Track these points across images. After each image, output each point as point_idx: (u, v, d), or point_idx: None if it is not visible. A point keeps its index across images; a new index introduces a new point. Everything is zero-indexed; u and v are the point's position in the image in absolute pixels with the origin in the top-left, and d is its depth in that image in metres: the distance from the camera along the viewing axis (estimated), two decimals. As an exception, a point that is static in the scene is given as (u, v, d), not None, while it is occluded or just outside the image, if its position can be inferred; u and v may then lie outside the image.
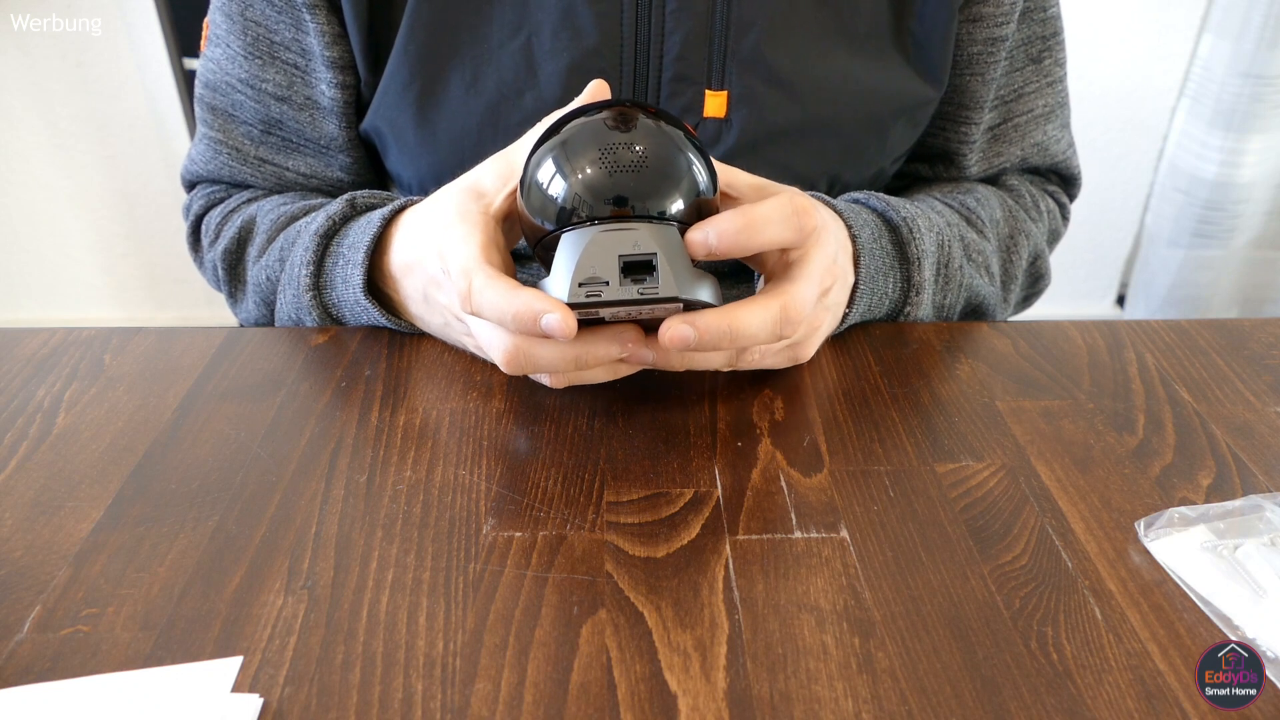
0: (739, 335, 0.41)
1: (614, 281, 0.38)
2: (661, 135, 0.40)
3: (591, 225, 0.39)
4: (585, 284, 0.38)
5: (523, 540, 0.38)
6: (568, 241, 0.39)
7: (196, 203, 0.68)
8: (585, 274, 0.38)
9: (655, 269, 0.38)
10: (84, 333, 0.53)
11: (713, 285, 0.41)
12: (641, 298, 0.38)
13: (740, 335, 0.41)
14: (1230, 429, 0.46)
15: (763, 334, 0.41)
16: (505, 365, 0.42)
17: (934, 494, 0.41)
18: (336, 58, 0.61)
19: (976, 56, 0.63)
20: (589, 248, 0.38)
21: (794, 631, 0.34)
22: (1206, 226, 1.80)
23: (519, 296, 0.39)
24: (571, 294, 0.38)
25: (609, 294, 0.38)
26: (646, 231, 0.39)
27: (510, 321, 0.39)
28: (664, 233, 0.39)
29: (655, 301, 0.39)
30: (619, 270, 0.38)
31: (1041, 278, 0.70)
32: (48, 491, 0.41)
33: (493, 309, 0.40)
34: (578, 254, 0.38)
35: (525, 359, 0.42)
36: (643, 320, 0.43)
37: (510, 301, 0.39)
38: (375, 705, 0.32)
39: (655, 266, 0.38)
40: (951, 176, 0.69)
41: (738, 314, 0.41)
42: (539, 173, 0.41)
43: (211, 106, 0.65)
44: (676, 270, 0.39)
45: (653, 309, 0.40)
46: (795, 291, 0.42)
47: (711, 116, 0.59)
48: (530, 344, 0.41)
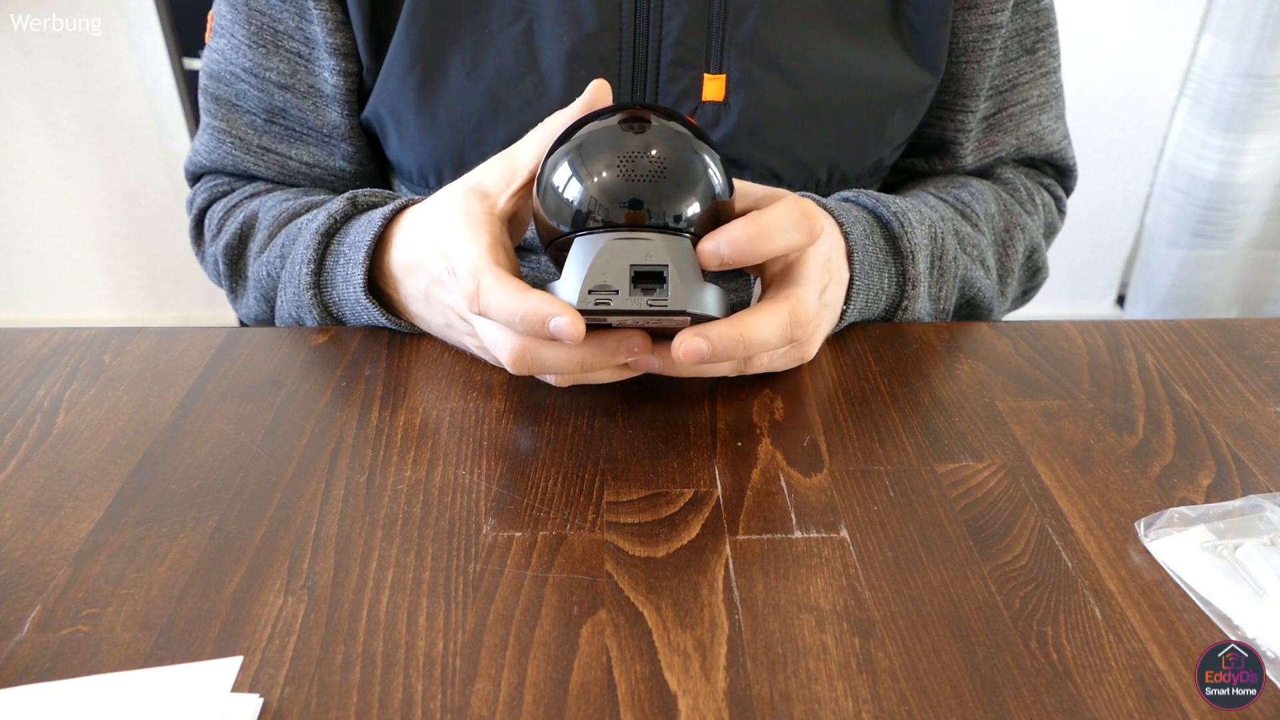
0: (751, 344, 0.41)
1: (624, 290, 0.38)
2: (679, 142, 0.41)
3: (606, 231, 0.39)
4: (595, 291, 0.38)
5: (523, 540, 0.38)
6: (580, 246, 0.39)
7: (200, 196, 0.68)
8: (596, 281, 0.38)
9: (666, 281, 0.38)
10: (84, 333, 0.53)
11: (720, 297, 0.41)
12: (650, 309, 0.38)
13: (752, 343, 0.41)
14: (1230, 429, 0.46)
15: (774, 340, 0.41)
16: (511, 365, 0.42)
17: (934, 494, 0.41)
18: (340, 45, 0.61)
19: (971, 44, 0.63)
20: (601, 254, 0.39)
21: (794, 631, 0.34)
22: (1206, 226, 1.80)
23: (528, 299, 0.39)
24: (581, 300, 0.38)
25: (618, 303, 0.38)
26: (660, 242, 0.39)
27: (519, 323, 0.39)
28: (677, 245, 0.39)
29: (664, 314, 0.39)
30: (630, 280, 0.38)
31: (1039, 271, 0.70)
32: (48, 491, 0.41)
33: (501, 310, 0.40)
34: (590, 260, 0.39)
35: (532, 360, 0.42)
36: (649, 328, 0.43)
37: (520, 303, 0.39)
38: (375, 705, 0.32)
39: (666, 279, 0.38)
40: (947, 168, 0.69)
41: (748, 323, 0.41)
42: (555, 175, 0.41)
43: (215, 97, 0.65)
44: (687, 283, 0.39)
45: (660, 320, 0.40)
46: (800, 294, 0.43)
47: (710, 100, 0.60)
48: (537, 345, 0.41)
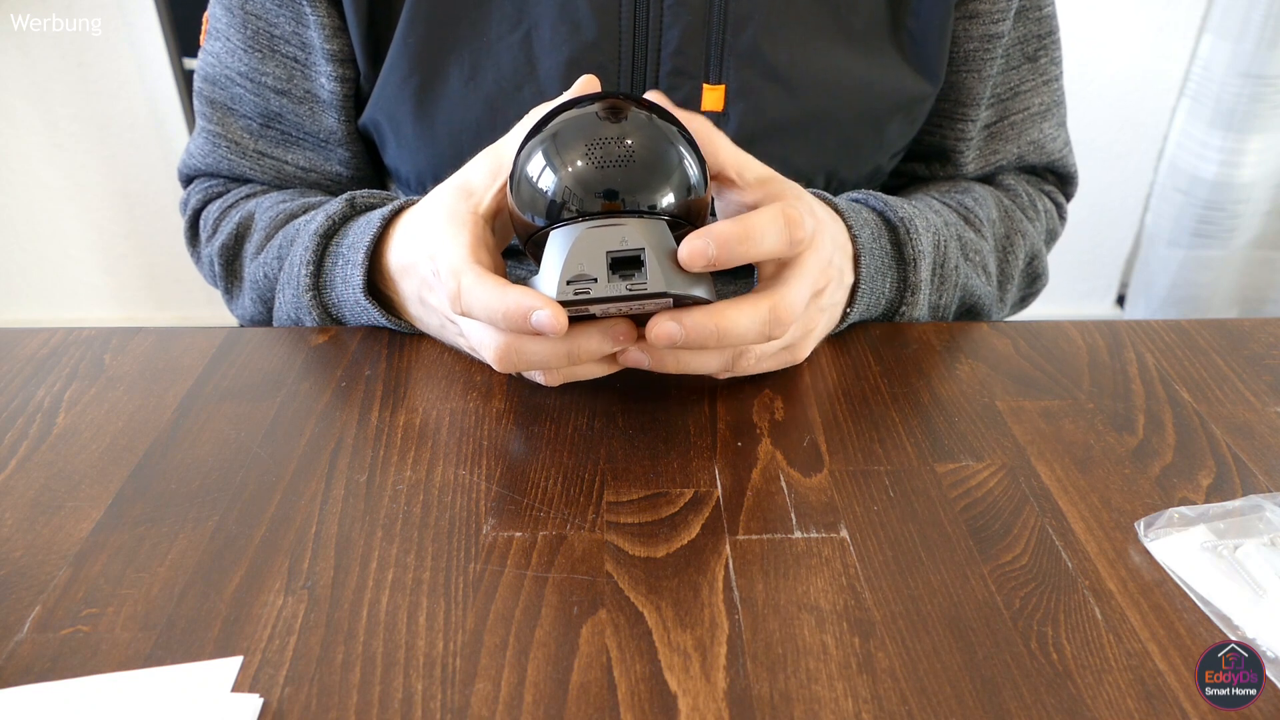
0: (726, 334, 0.40)
1: (602, 278, 0.38)
2: (651, 129, 0.40)
3: (580, 221, 0.39)
4: (574, 281, 0.38)
5: (523, 540, 0.38)
6: (555, 239, 0.39)
7: (194, 197, 0.68)
8: (573, 271, 0.38)
9: (644, 264, 0.38)
10: (84, 333, 0.53)
11: (705, 280, 0.40)
12: (630, 294, 0.38)
13: (727, 334, 0.40)
14: (1230, 429, 0.46)
15: (750, 334, 0.41)
16: (497, 363, 0.42)
17: (934, 494, 0.41)
18: (336, 51, 0.61)
19: (973, 53, 0.63)
20: (577, 244, 0.38)
21: (794, 631, 0.34)
22: (1206, 226, 1.80)
23: (508, 295, 0.39)
24: (560, 291, 0.38)
25: (597, 290, 0.38)
26: (634, 227, 0.38)
27: (501, 320, 0.39)
28: (652, 228, 0.39)
29: (645, 297, 0.38)
30: (607, 266, 0.38)
31: (1039, 278, 0.70)
32: (48, 491, 0.41)
33: (483, 308, 0.40)
34: (565, 251, 0.38)
35: (517, 356, 0.42)
36: (635, 315, 0.42)
37: (500, 300, 0.39)
38: (375, 705, 0.32)
39: (644, 262, 0.38)
40: (948, 175, 0.69)
41: (726, 313, 0.40)
42: (528, 167, 0.40)
43: (210, 100, 0.65)
44: (665, 265, 0.38)
45: (644, 305, 0.40)
46: (785, 293, 0.42)
47: (709, 110, 0.59)
48: (521, 341, 0.41)
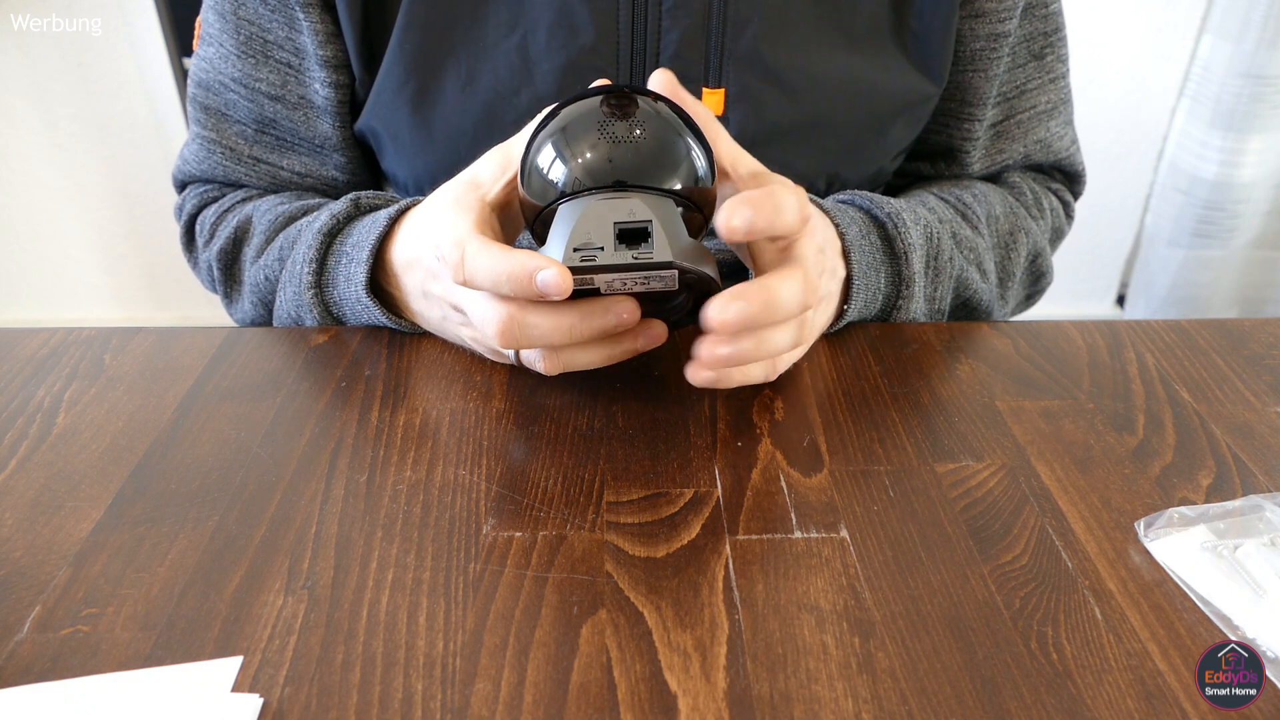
0: (776, 304, 0.40)
1: (609, 247, 0.38)
2: (659, 117, 0.41)
3: (588, 194, 0.39)
4: (580, 249, 0.38)
5: (523, 540, 0.38)
6: (564, 211, 0.39)
7: (189, 202, 0.67)
8: (580, 239, 0.38)
9: (651, 236, 0.38)
10: (84, 333, 0.53)
11: (711, 262, 0.40)
12: (636, 262, 0.38)
13: (777, 303, 0.40)
14: (1230, 429, 0.46)
15: (794, 301, 0.41)
16: (499, 337, 0.41)
17: (934, 494, 0.41)
18: (330, 57, 0.60)
19: (979, 53, 0.63)
20: (584, 215, 0.38)
21: (794, 631, 0.34)
22: (1206, 226, 1.80)
23: (514, 256, 0.38)
24: (566, 258, 0.38)
25: (604, 258, 0.38)
26: (642, 200, 0.39)
27: (505, 282, 0.39)
28: (660, 202, 0.39)
29: (650, 267, 0.38)
30: (614, 237, 0.38)
31: (1043, 276, 0.70)
32: (48, 491, 0.41)
33: (487, 271, 0.39)
34: (573, 221, 0.38)
35: (519, 329, 0.41)
36: (640, 295, 0.42)
37: (505, 262, 0.39)
38: (375, 705, 0.32)
39: (651, 234, 0.38)
40: (954, 174, 0.69)
41: (769, 282, 0.40)
42: (538, 156, 0.41)
43: (204, 106, 0.65)
44: (672, 238, 0.38)
45: (648, 281, 0.40)
46: (804, 264, 0.43)
47: None
48: (524, 313, 0.41)
